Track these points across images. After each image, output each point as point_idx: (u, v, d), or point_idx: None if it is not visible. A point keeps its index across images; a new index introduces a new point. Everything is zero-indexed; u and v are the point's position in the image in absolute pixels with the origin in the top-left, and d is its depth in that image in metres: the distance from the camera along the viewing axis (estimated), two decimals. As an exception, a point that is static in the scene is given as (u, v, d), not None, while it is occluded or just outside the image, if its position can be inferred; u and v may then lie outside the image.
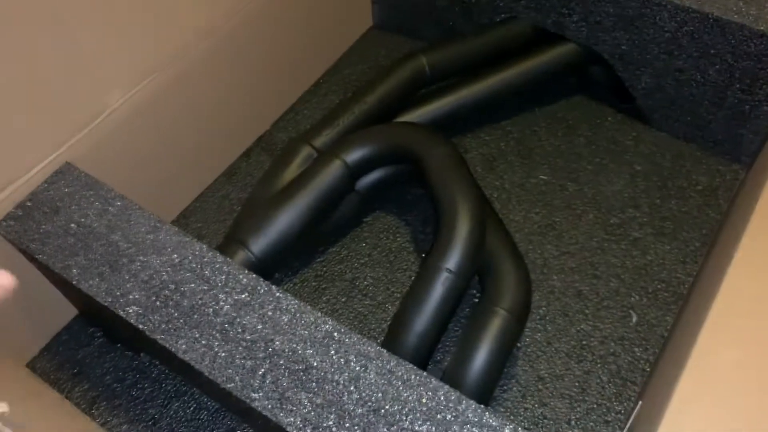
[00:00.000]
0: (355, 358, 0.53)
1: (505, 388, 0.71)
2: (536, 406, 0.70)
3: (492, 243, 0.69)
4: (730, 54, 0.78)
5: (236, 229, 0.75)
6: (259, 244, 0.73)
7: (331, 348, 0.54)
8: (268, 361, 0.53)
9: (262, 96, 0.92)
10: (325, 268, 0.81)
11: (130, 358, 0.74)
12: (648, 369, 0.71)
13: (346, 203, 0.79)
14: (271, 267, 0.76)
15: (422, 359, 0.66)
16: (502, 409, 0.70)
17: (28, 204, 0.64)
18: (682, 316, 0.74)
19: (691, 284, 0.77)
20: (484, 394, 0.64)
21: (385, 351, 0.53)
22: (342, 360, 0.53)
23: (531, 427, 0.69)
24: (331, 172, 0.75)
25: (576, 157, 0.89)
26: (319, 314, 0.55)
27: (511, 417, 0.69)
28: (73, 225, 0.62)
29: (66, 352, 0.75)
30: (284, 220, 0.73)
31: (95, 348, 0.75)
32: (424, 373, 0.52)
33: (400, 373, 0.52)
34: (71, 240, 0.61)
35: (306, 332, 0.54)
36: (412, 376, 0.52)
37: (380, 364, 0.52)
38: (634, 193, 0.85)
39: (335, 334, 0.54)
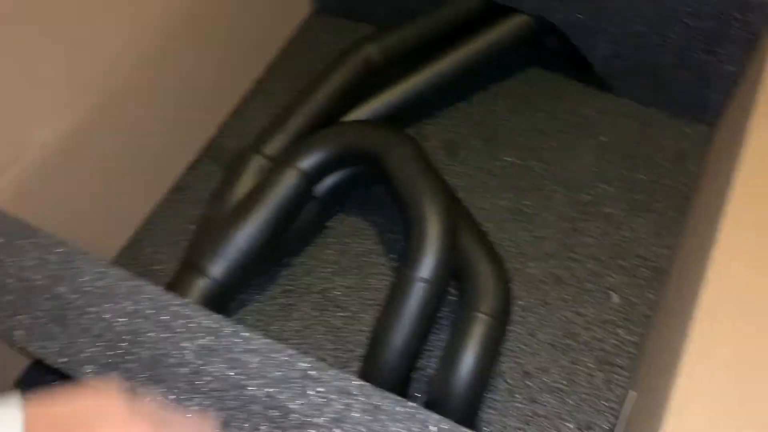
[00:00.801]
0: (337, 396, 0.49)
1: (492, 387, 0.68)
2: (526, 403, 0.68)
3: (465, 242, 0.66)
4: (689, 15, 0.75)
5: (193, 254, 0.70)
6: (219, 267, 0.68)
7: (308, 388, 0.50)
8: (242, 411, 0.49)
9: (202, 102, 0.86)
10: (292, 282, 0.77)
11: (96, 403, 0.69)
12: (635, 351, 0.70)
13: (306, 211, 0.75)
14: (235, 289, 0.72)
15: (405, 374, 0.63)
16: (491, 411, 0.67)
17: (-42, 261, 0.58)
18: (665, 292, 0.72)
19: (670, 256, 0.75)
20: (474, 403, 0.62)
21: (367, 385, 0.50)
22: (322, 400, 0.49)
23: (522, 426, 0.67)
24: (287, 183, 0.71)
25: (539, 134, 0.86)
26: (292, 351, 0.51)
27: (503, 418, 0.67)
28: (10, 280, 0.56)
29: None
30: (243, 238, 0.69)
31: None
32: (412, 404, 0.49)
33: (385, 407, 0.49)
34: (10, 297, 0.56)
35: (280, 373, 0.50)
36: (398, 409, 0.49)
37: (364, 400, 0.49)
38: (602, 167, 0.82)
39: (311, 371, 0.50)
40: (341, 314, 0.74)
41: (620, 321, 0.71)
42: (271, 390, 0.50)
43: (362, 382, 0.50)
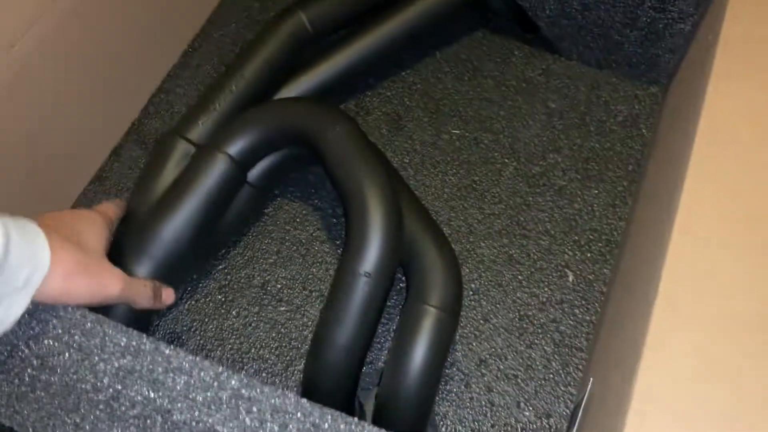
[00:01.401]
0: (271, 416, 0.45)
1: (447, 378, 0.65)
2: (482, 392, 0.64)
3: (411, 229, 0.61)
4: (638, -29, 0.70)
5: (116, 255, 0.64)
6: (145, 269, 0.62)
7: (241, 409, 0.45)
8: (168, 439, 0.44)
9: (122, 81, 0.78)
10: (229, 276, 0.71)
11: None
12: (592, 332, 0.67)
13: (239, 199, 0.69)
14: (165, 289, 0.66)
15: (352, 372, 0.59)
16: (446, 403, 0.64)
17: None
18: (619, 266, 0.69)
19: (624, 229, 0.72)
20: (427, 400, 0.58)
21: (304, 401, 0.45)
22: (256, 422, 0.45)
23: (480, 417, 0.63)
24: (215, 170, 0.65)
25: (487, 103, 0.81)
26: (220, 368, 0.46)
27: (458, 410, 0.64)
28: None
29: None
30: (169, 234, 0.63)
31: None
32: (353, 420, 0.44)
33: (326, 426, 0.44)
34: None
35: (208, 394, 0.46)
36: (341, 426, 0.44)
37: (301, 418, 0.45)
38: (552, 136, 0.78)
39: (243, 390, 0.46)
40: (284, 308, 0.69)
41: (576, 300, 0.68)
42: (199, 414, 0.45)
43: (299, 399, 0.45)
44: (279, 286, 0.71)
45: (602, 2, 0.74)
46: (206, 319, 0.69)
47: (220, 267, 0.71)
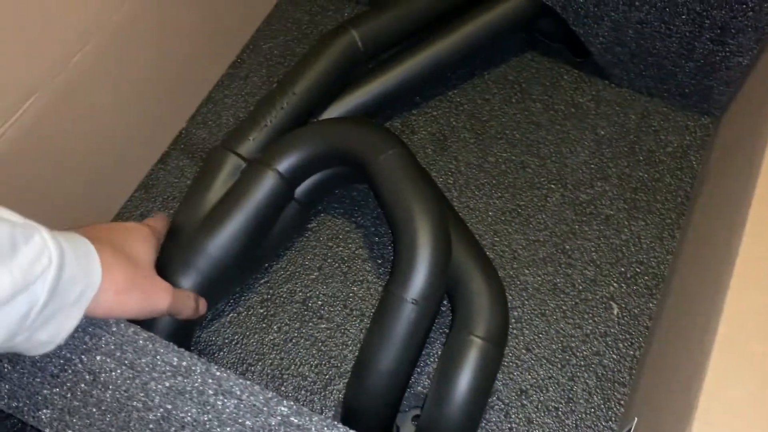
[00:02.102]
0: (321, 446, 0.45)
1: (487, 406, 0.64)
2: (522, 423, 0.64)
3: (458, 256, 0.61)
4: (698, 3, 0.69)
5: (162, 267, 0.64)
6: (191, 281, 0.63)
7: (290, 436, 0.45)
8: (216, 464, 0.44)
9: (172, 90, 0.79)
10: (271, 291, 0.71)
11: None
12: (635, 367, 0.66)
13: (285, 214, 0.69)
14: (209, 303, 0.66)
15: (394, 398, 0.59)
16: (485, 432, 0.63)
17: None
18: (665, 301, 0.68)
19: (672, 263, 0.71)
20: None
21: (354, 433, 0.45)
22: (305, 451, 0.45)
23: (518, 448, 0.63)
24: (264, 186, 0.65)
25: (534, 126, 0.80)
26: (271, 394, 0.46)
27: (496, 440, 0.63)
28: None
29: (-18, 430, 0.65)
30: (216, 248, 0.63)
31: (17, 420, 0.65)
32: (403, 454, 0.44)
33: (375, 459, 0.44)
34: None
35: (257, 419, 0.46)
36: (390, 459, 0.44)
37: (351, 450, 0.44)
38: (600, 163, 0.77)
39: (293, 418, 0.46)
40: (324, 326, 0.69)
41: (621, 334, 0.67)
42: (248, 439, 0.45)
43: (347, 429, 0.45)
44: (320, 302, 0.71)
45: (658, 32, 0.73)
46: (248, 333, 0.69)
47: (263, 280, 0.72)
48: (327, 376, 0.67)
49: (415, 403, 0.65)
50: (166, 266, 0.63)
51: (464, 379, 0.56)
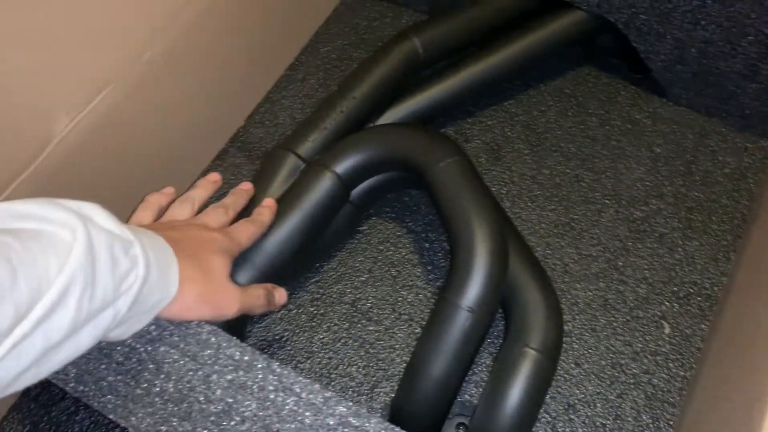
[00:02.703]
0: (378, 448, 0.45)
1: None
2: (568, 438, 0.64)
3: (514, 267, 0.61)
4: (766, 24, 0.68)
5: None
6: (247, 274, 0.64)
7: (348, 437, 0.46)
8: (275, 459, 0.45)
9: (231, 89, 0.81)
10: (321, 290, 0.72)
11: (112, 412, 0.66)
12: (685, 388, 0.65)
13: (339, 215, 0.70)
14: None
15: (444, 406, 0.59)
16: (530, 445, 0.63)
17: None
18: (719, 324, 0.67)
19: (726, 285, 0.70)
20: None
21: (412, 437, 0.45)
22: (362, 452, 0.45)
23: (564, 463, 0.63)
24: (322, 187, 0.66)
25: (590, 141, 0.80)
26: (330, 393, 0.47)
27: (541, 453, 0.63)
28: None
29: (38, 411, 0.66)
30: (274, 245, 0.64)
31: (71, 402, 0.67)
32: (460, 462, 0.45)
33: (431, 464, 0.45)
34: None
35: (316, 418, 0.46)
36: (446, 466, 0.45)
37: (407, 454, 0.45)
38: (656, 181, 0.77)
39: (351, 418, 0.46)
40: (372, 328, 0.70)
41: (672, 354, 0.67)
42: (306, 437, 0.45)
43: (407, 434, 0.45)
44: (369, 305, 0.71)
45: (722, 51, 0.73)
46: (297, 330, 0.70)
47: (314, 280, 0.72)
48: (374, 378, 0.67)
49: (460, 411, 0.65)
50: (223, 261, 0.64)
51: (517, 391, 0.56)
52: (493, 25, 0.80)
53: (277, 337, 0.70)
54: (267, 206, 0.64)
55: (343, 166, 0.66)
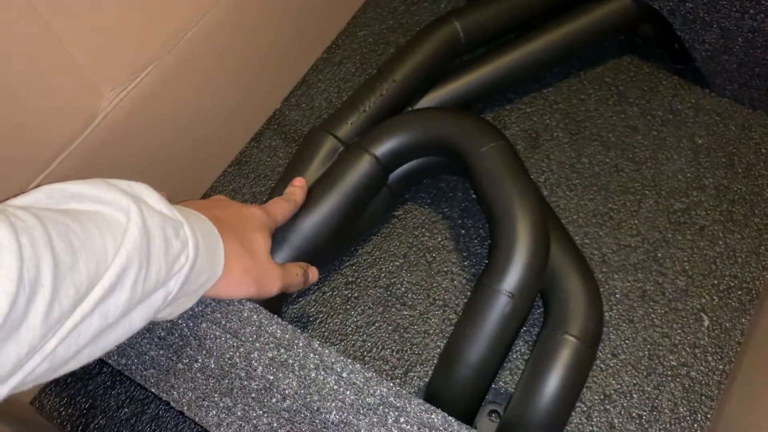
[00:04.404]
0: (418, 429, 0.45)
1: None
2: (604, 428, 0.63)
3: (554, 254, 0.61)
4: (819, 13, 0.67)
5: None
6: (284, 256, 0.64)
7: (388, 417, 0.46)
8: (316, 436, 0.45)
9: (268, 71, 0.80)
10: (356, 274, 0.72)
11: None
12: (724, 382, 0.64)
13: (376, 199, 0.70)
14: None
15: (480, 392, 0.59)
16: (564, 434, 0.63)
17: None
18: (760, 317, 0.66)
19: (767, 279, 0.69)
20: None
21: (452, 420, 0.45)
22: (403, 432, 0.45)
23: (598, 453, 0.62)
24: (361, 170, 0.65)
25: (630, 130, 0.79)
26: (371, 374, 0.47)
27: (576, 442, 0.63)
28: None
29: (75, 384, 0.67)
30: (310, 227, 0.64)
31: (107, 377, 0.68)
32: (501, 445, 0.44)
33: (472, 447, 0.44)
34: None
35: (357, 398, 0.46)
36: (487, 449, 0.44)
37: (448, 436, 0.45)
38: (697, 173, 0.76)
39: (392, 398, 0.46)
40: (407, 312, 0.70)
41: (710, 347, 0.66)
42: (347, 416, 0.46)
43: (447, 417, 0.45)
44: (403, 289, 0.71)
45: (771, 41, 0.71)
46: (331, 312, 0.70)
47: (348, 263, 0.72)
48: (408, 362, 0.67)
49: (493, 398, 0.65)
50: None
51: (556, 377, 0.56)
52: (534, 11, 0.79)
53: (311, 319, 0.70)
54: (298, 186, 0.64)
55: (382, 149, 0.66)
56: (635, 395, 0.64)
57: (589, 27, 0.78)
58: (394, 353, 0.68)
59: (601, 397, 0.64)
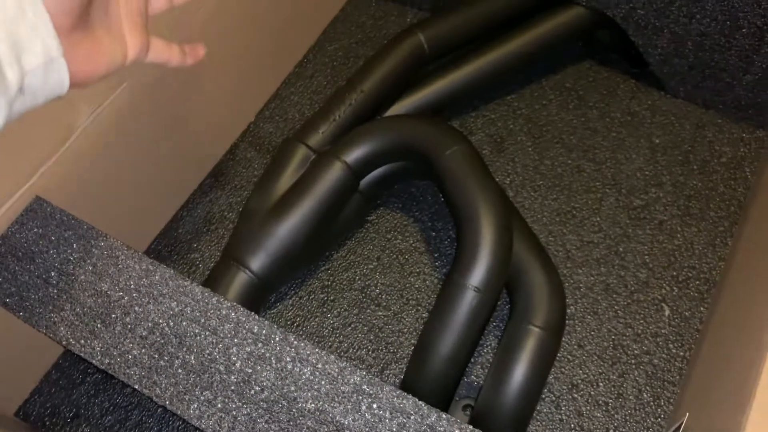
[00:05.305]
0: (390, 414, 0.47)
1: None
2: (572, 416, 0.66)
3: (518, 250, 0.63)
4: (760, 17, 0.71)
5: (234, 247, 0.68)
6: (259, 262, 0.66)
7: (362, 403, 0.48)
8: (293, 424, 0.47)
9: (242, 85, 0.83)
10: (331, 277, 0.74)
11: (131, 394, 0.68)
12: (685, 367, 0.67)
13: (348, 205, 0.73)
14: (275, 284, 0.70)
15: (451, 384, 0.61)
16: (536, 422, 0.65)
17: (-1, 250, 0.57)
18: (716, 306, 0.69)
19: (724, 269, 0.72)
20: (523, 419, 0.59)
21: (422, 404, 0.48)
22: (376, 417, 0.47)
23: (568, 439, 0.65)
24: (332, 176, 0.68)
25: (590, 132, 0.83)
26: (345, 364, 0.49)
27: (546, 430, 0.65)
28: (53, 273, 0.55)
29: (59, 394, 0.69)
30: (285, 233, 0.67)
31: (90, 386, 0.69)
32: (468, 427, 0.47)
33: (441, 429, 0.47)
34: (53, 291, 0.54)
35: (332, 386, 0.49)
36: (456, 431, 0.47)
37: (419, 420, 0.47)
38: (655, 170, 0.79)
39: (365, 386, 0.48)
40: (381, 313, 0.72)
41: (671, 335, 0.69)
42: (322, 404, 0.48)
43: (417, 401, 0.48)
44: (378, 291, 0.74)
45: (718, 44, 0.75)
46: (308, 316, 0.72)
47: (324, 267, 0.75)
48: (384, 361, 0.69)
49: (466, 393, 0.67)
50: (237, 246, 0.67)
51: (522, 366, 0.58)
52: (495, 21, 0.83)
53: (289, 323, 0.72)
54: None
55: (352, 155, 0.69)
56: (601, 384, 0.67)
57: (548, 34, 0.82)
58: (370, 353, 0.70)
59: (569, 386, 0.67)
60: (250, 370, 0.50)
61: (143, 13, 0.45)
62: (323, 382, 0.49)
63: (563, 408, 0.66)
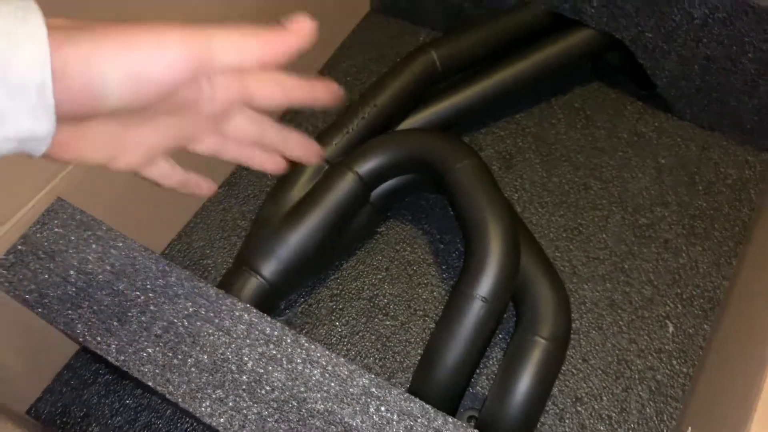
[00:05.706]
0: (398, 416, 0.48)
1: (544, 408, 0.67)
2: (576, 429, 0.66)
3: (525, 262, 0.65)
4: (765, 42, 0.72)
5: (246, 253, 0.69)
6: (271, 268, 0.68)
7: (370, 405, 0.49)
8: (302, 424, 0.48)
9: (259, 97, 0.85)
10: (340, 286, 0.76)
11: (140, 396, 0.69)
12: (688, 383, 0.68)
13: (359, 215, 0.74)
14: (286, 291, 0.72)
15: (457, 393, 0.62)
16: (539, 434, 0.66)
17: (20, 248, 0.58)
18: (720, 324, 0.70)
19: (728, 288, 0.73)
20: (527, 430, 0.60)
21: (430, 408, 0.49)
22: (383, 420, 0.48)
23: (571, 452, 0.65)
24: (344, 187, 0.70)
25: (598, 152, 0.84)
26: (354, 366, 0.51)
27: (550, 442, 0.66)
28: (72, 272, 0.56)
29: (70, 393, 0.70)
30: (297, 241, 0.68)
31: (101, 386, 0.70)
32: (475, 431, 0.48)
33: (448, 432, 0.48)
34: (72, 290, 0.55)
35: (341, 388, 0.50)
36: (462, 434, 0.48)
37: (425, 423, 0.48)
38: (661, 190, 0.81)
39: (373, 389, 0.50)
40: (389, 323, 0.73)
41: (675, 351, 0.70)
42: (331, 405, 0.49)
43: (425, 405, 0.49)
44: (386, 301, 0.75)
45: (724, 68, 0.77)
46: (317, 323, 0.73)
47: (333, 276, 0.76)
48: (390, 370, 0.70)
49: (471, 404, 0.68)
50: (250, 253, 0.68)
51: (527, 376, 0.59)
52: (506, 41, 0.85)
53: (297, 330, 0.73)
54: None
55: (364, 167, 0.70)
56: (605, 398, 0.68)
57: (558, 56, 0.84)
58: (377, 361, 0.71)
59: (573, 399, 0.68)
60: (262, 370, 0.51)
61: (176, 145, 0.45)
62: (333, 384, 0.50)
63: (567, 421, 0.67)
